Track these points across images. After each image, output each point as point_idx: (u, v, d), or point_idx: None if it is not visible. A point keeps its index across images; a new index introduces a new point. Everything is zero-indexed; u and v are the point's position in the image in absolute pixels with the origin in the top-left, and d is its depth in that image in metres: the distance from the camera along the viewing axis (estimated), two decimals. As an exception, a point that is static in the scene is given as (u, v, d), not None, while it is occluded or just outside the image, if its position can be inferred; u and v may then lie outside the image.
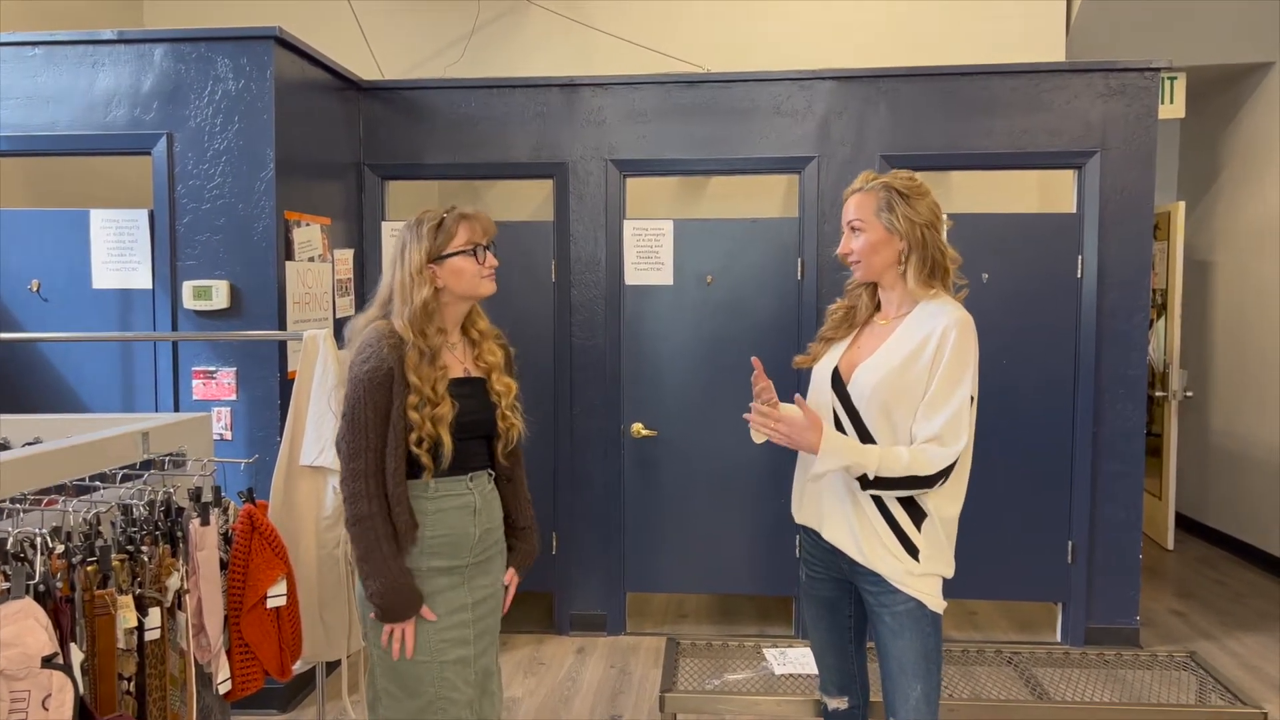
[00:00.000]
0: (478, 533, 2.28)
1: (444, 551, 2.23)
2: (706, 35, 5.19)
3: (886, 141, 4.27)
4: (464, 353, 2.34)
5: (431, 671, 2.20)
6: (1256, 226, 5.60)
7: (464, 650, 2.25)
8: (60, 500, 2.13)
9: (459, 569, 2.26)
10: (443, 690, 2.20)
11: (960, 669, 3.97)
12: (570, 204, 4.42)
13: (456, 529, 2.25)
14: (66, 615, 1.90)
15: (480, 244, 2.27)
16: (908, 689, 2.22)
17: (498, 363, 2.36)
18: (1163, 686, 3.77)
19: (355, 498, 2.16)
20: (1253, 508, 5.63)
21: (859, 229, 2.23)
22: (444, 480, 2.24)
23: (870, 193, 2.23)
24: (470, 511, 2.27)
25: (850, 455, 2.11)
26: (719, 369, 4.38)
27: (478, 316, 2.39)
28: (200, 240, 3.65)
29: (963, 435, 2.15)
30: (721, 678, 3.85)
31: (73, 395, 3.75)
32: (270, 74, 3.61)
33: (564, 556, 4.49)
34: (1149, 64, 4.16)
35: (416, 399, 2.16)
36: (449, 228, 2.24)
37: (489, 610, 2.35)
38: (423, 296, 2.19)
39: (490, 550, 2.35)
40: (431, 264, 2.22)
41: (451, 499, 2.25)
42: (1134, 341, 4.22)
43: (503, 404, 2.33)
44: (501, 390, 2.33)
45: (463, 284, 2.25)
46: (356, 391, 2.17)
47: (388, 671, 2.22)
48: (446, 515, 2.24)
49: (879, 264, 2.24)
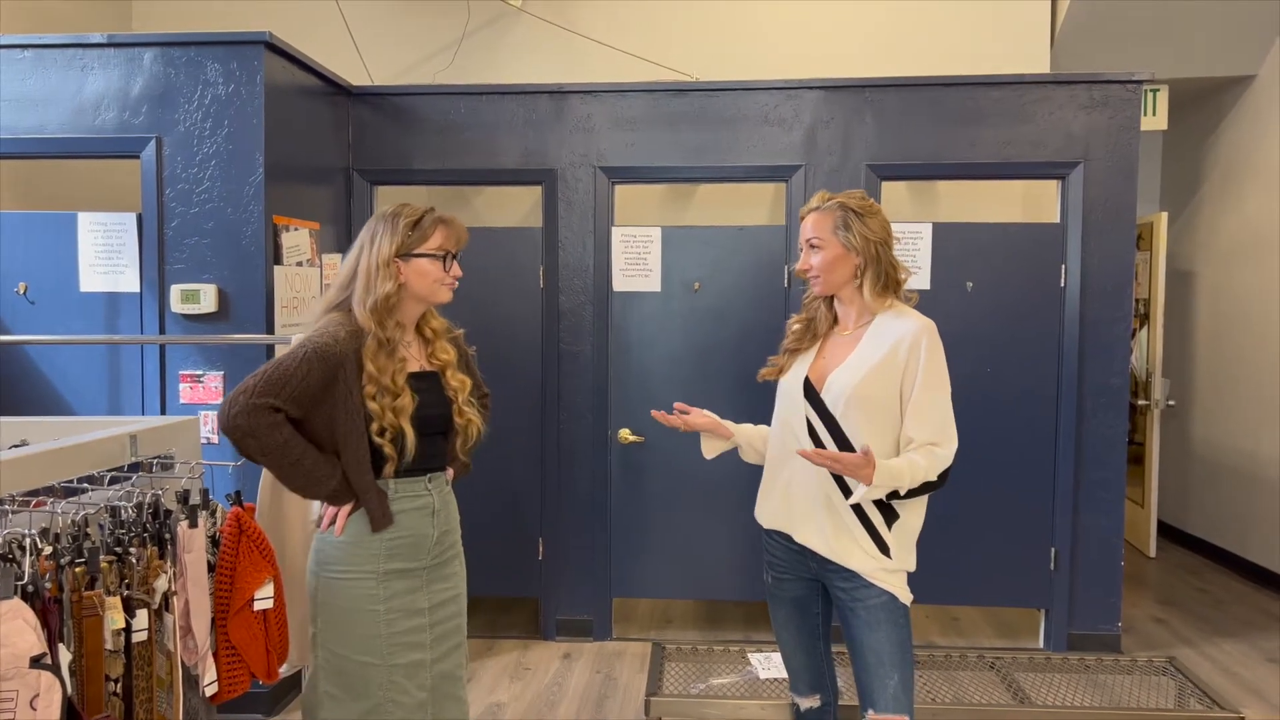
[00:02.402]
0: (436, 534, 2.29)
1: (403, 553, 2.24)
2: (695, 44, 5.23)
3: (873, 151, 4.31)
4: (418, 350, 2.35)
5: (380, 674, 2.20)
6: (1237, 237, 5.67)
7: (419, 654, 2.25)
8: (48, 502, 2.13)
9: (416, 571, 2.26)
10: (391, 693, 2.20)
11: (943, 673, 4.00)
12: (559, 210, 4.44)
13: (415, 530, 2.25)
14: (55, 616, 1.90)
15: (450, 252, 2.27)
16: (885, 678, 2.29)
17: (451, 360, 2.36)
18: (1142, 692, 3.81)
19: (251, 411, 2.05)
20: (1234, 516, 5.69)
21: (817, 246, 2.34)
22: (403, 481, 2.24)
23: (827, 212, 2.34)
24: (429, 513, 2.28)
25: (894, 479, 2.19)
26: (706, 375, 4.41)
27: (431, 315, 2.38)
28: (189, 244, 3.65)
29: (954, 434, 2.29)
30: (706, 682, 3.87)
31: (59, 398, 3.75)
32: (260, 79, 3.62)
33: (550, 562, 4.50)
34: (1131, 76, 4.22)
35: (374, 389, 2.14)
36: (425, 228, 2.25)
37: (450, 615, 2.34)
38: (385, 289, 2.19)
39: (448, 553, 2.36)
40: (398, 259, 2.21)
41: (410, 500, 2.25)
42: (1116, 350, 4.26)
43: (459, 399, 2.32)
44: (457, 385, 2.33)
45: (423, 287, 2.25)
46: (302, 351, 2.11)
47: (333, 675, 2.22)
48: (406, 516, 2.24)
49: (837, 279, 2.35)
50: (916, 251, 4.26)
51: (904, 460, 2.22)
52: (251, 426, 2.06)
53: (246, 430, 2.06)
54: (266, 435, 2.07)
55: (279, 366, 2.10)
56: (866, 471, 2.15)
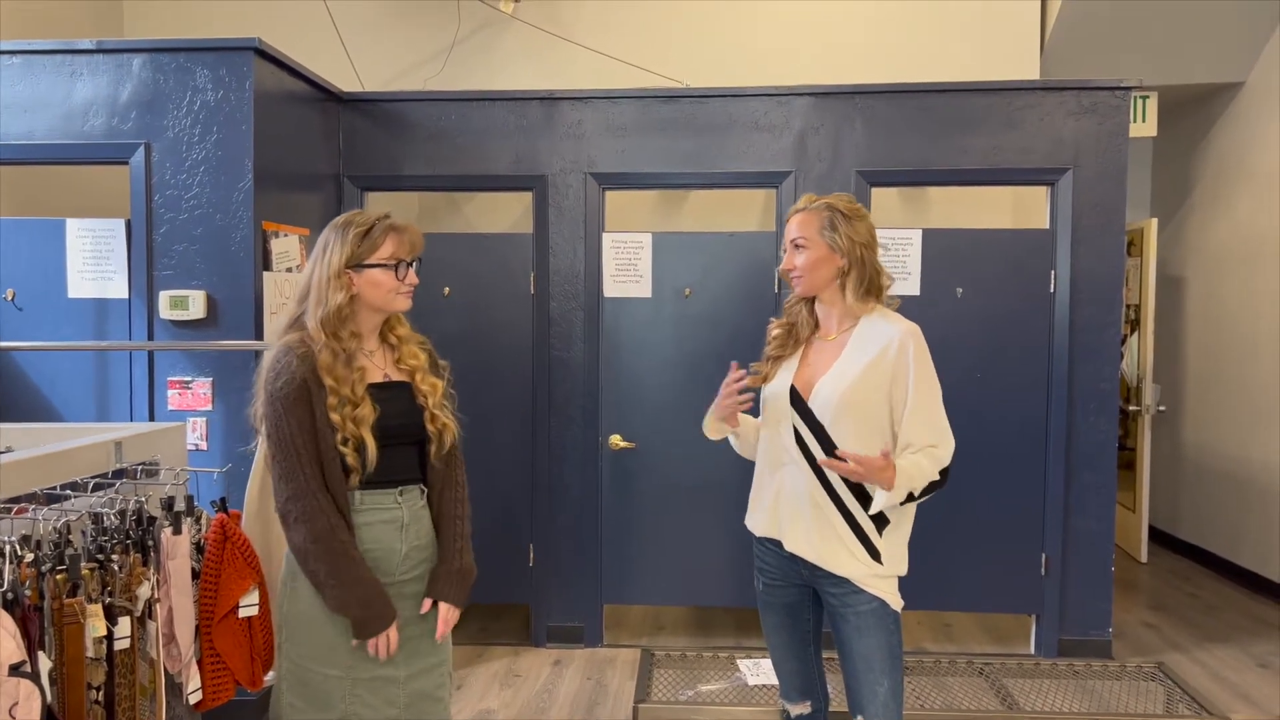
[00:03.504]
0: (404, 549, 2.23)
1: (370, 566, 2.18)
2: (686, 51, 5.23)
3: (863, 157, 4.32)
4: (383, 358, 2.30)
5: (343, 687, 2.16)
6: (1227, 243, 5.69)
7: (387, 669, 2.19)
8: (30, 509, 2.12)
9: (386, 586, 2.19)
10: (353, 707, 2.16)
11: (933, 679, 4.00)
12: (549, 216, 4.44)
13: (383, 543, 2.20)
14: (35, 623, 1.89)
15: (404, 259, 2.22)
16: (875, 685, 2.29)
17: (420, 365, 2.31)
18: (1132, 697, 3.82)
19: (308, 516, 2.10)
20: (1224, 521, 5.70)
21: (802, 246, 2.34)
22: (371, 493, 2.20)
23: (814, 212, 2.35)
24: (397, 526, 2.23)
25: (910, 482, 2.19)
26: (697, 381, 4.40)
27: (396, 322, 2.33)
28: (177, 250, 3.64)
29: (950, 434, 2.29)
30: (695, 688, 3.87)
31: (47, 405, 3.73)
32: (249, 85, 3.62)
33: (541, 568, 4.49)
34: (1120, 83, 4.23)
35: (335, 400, 2.12)
36: (375, 237, 2.19)
37: (424, 630, 2.27)
38: (337, 301, 2.15)
39: (421, 568, 2.28)
40: (349, 270, 2.18)
41: (378, 512, 2.21)
42: (1106, 356, 4.27)
43: (430, 404, 2.27)
44: (427, 390, 2.27)
45: (377, 296, 2.21)
46: (275, 410, 2.12)
47: (295, 686, 2.19)
48: (372, 529, 2.20)
49: (820, 280, 2.35)
50: (907, 257, 4.27)
51: (909, 462, 2.22)
52: (315, 534, 2.11)
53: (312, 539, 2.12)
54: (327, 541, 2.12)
55: (275, 443, 2.13)
56: (889, 474, 2.15)
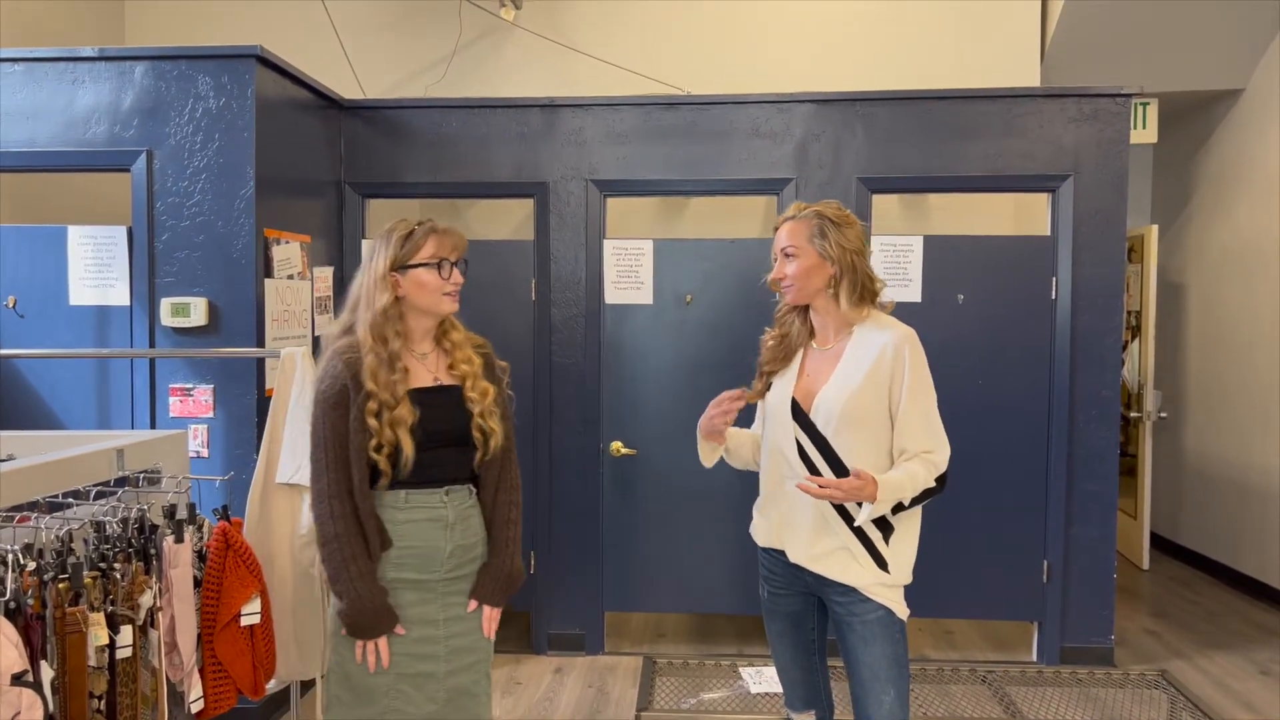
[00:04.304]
0: (449, 547, 2.26)
1: (412, 564, 2.23)
2: (687, 58, 5.24)
3: (863, 164, 4.32)
4: (435, 362, 2.32)
5: (386, 682, 2.20)
6: (1228, 249, 5.69)
7: (429, 665, 2.23)
8: (33, 517, 2.12)
9: (429, 583, 2.24)
10: (395, 702, 2.20)
11: (936, 687, 3.99)
12: (550, 223, 4.44)
13: (428, 541, 2.24)
14: (37, 632, 1.89)
15: (447, 259, 2.26)
16: (881, 694, 2.28)
17: (474, 370, 2.32)
18: (1134, 705, 3.81)
19: (322, 520, 2.17)
20: (1226, 528, 5.69)
21: (792, 255, 2.33)
22: (417, 492, 2.24)
23: (803, 221, 2.34)
24: (442, 525, 2.25)
25: (898, 492, 2.19)
26: (698, 388, 4.39)
27: (450, 328, 2.36)
28: (179, 257, 3.64)
29: (945, 438, 2.29)
30: (698, 696, 3.86)
31: (49, 412, 3.73)
32: (251, 92, 3.62)
33: (542, 575, 4.48)
34: (1121, 90, 4.23)
35: (375, 404, 2.16)
36: (417, 239, 2.25)
37: (466, 629, 2.30)
38: (383, 303, 2.20)
39: (467, 567, 2.31)
40: (395, 272, 2.23)
41: (423, 511, 2.24)
42: (1108, 362, 4.27)
43: (478, 410, 2.29)
44: (476, 396, 2.29)
45: (423, 298, 2.25)
46: (316, 411, 2.22)
47: (341, 679, 2.22)
48: (418, 527, 2.23)
49: (811, 288, 2.34)
50: (908, 264, 4.27)
51: (902, 472, 2.21)
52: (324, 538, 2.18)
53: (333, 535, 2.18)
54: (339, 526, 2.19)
55: (312, 443, 2.22)
56: (869, 490, 2.14)
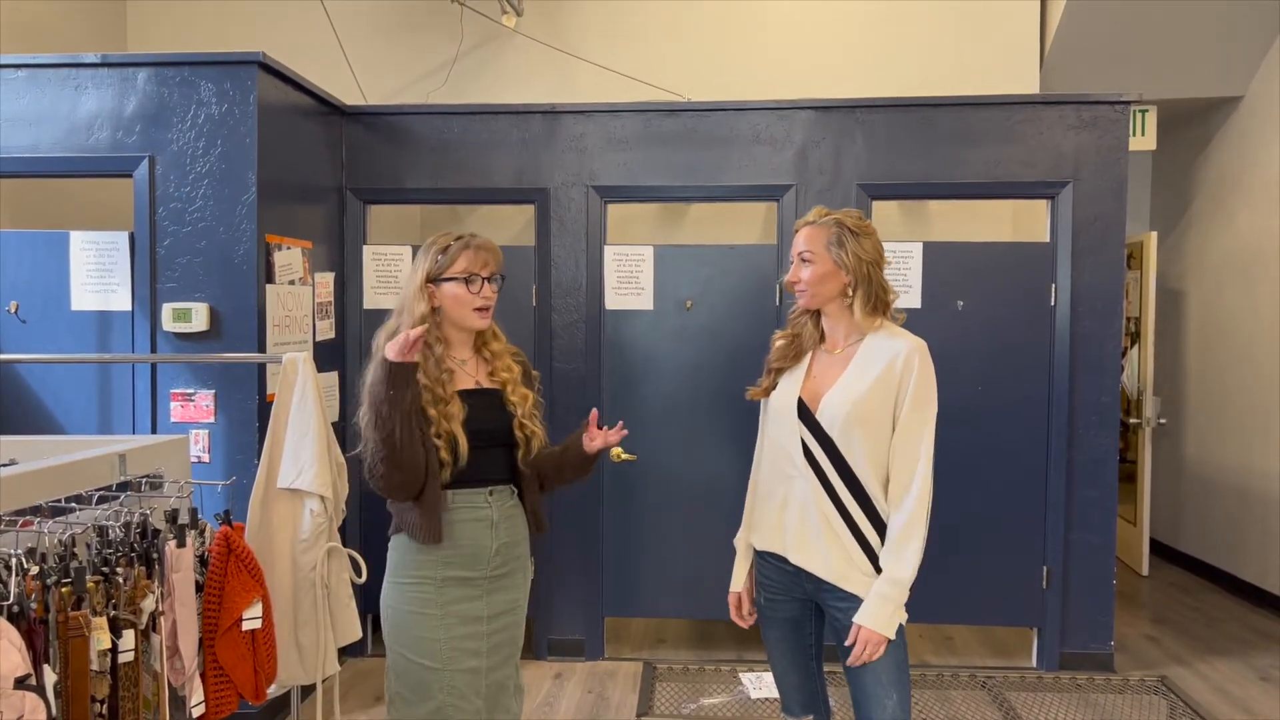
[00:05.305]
0: (495, 546, 2.36)
1: (459, 562, 2.32)
2: (687, 65, 5.26)
3: (863, 171, 4.34)
4: (475, 368, 2.43)
5: (442, 678, 2.28)
6: (1227, 256, 5.70)
7: (476, 661, 2.32)
8: (35, 522, 2.12)
9: (476, 581, 2.34)
10: (450, 698, 2.28)
11: (936, 693, 4.00)
12: (551, 229, 4.46)
13: (475, 540, 2.33)
14: (40, 636, 1.89)
15: (478, 274, 2.35)
16: (883, 699, 2.27)
17: (513, 376, 2.44)
18: (1134, 711, 3.81)
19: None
20: (1226, 533, 5.70)
21: (809, 260, 2.34)
22: (463, 492, 2.33)
23: (822, 227, 2.35)
24: (487, 525, 2.35)
25: (903, 590, 2.23)
26: (698, 393, 4.41)
27: (491, 338, 2.47)
28: (180, 263, 3.65)
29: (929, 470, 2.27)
30: (698, 702, 3.86)
31: (51, 417, 3.74)
32: (253, 98, 3.63)
33: (542, 581, 4.48)
34: (1120, 97, 4.25)
35: (429, 396, 2.26)
36: (452, 253, 2.35)
37: (506, 625, 2.41)
38: (420, 310, 2.32)
39: (510, 565, 2.41)
40: (430, 284, 2.33)
41: (468, 511, 2.34)
42: (1107, 369, 4.27)
43: (519, 412, 2.40)
44: (517, 400, 2.41)
45: (455, 311, 2.35)
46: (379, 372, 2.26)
47: (401, 675, 2.31)
48: (465, 526, 2.33)
49: (824, 294, 2.35)
50: (908, 271, 4.28)
51: (892, 558, 2.23)
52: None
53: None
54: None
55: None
56: (887, 631, 2.19)
